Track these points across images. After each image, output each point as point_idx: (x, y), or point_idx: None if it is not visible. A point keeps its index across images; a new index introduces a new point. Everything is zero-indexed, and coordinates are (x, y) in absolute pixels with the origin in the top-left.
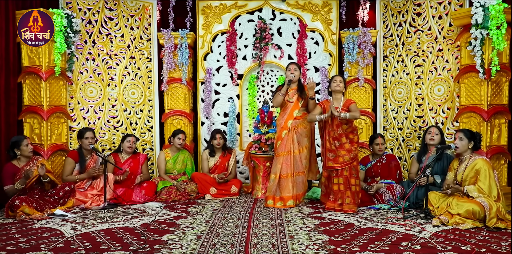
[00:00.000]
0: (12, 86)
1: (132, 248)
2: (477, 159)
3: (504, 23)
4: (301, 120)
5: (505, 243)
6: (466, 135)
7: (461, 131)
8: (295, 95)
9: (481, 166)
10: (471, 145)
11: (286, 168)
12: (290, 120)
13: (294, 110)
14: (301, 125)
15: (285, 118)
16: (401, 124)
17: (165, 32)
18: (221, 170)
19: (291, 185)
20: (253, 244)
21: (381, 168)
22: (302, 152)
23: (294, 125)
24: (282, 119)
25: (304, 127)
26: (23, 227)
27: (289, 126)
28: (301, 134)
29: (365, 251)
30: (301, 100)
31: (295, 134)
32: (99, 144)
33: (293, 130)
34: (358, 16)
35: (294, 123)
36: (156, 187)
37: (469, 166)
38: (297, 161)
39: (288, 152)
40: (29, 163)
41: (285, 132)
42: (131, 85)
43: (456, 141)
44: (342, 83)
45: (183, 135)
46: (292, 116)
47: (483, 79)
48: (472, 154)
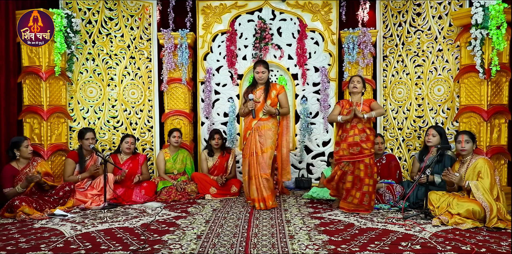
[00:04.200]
0: (12, 86)
1: (132, 248)
2: (478, 159)
3: (504, 23)
4: (266, 122)
5: (505, 243)
6: (471, 137)
7: (465, 133)
8: (261, 95)
9: (482, 165)
10: (474, 147)
11: (251, 169)
12: (254, 121)
13: (259, 110)
14: (265, 126)
15: (250, 118)
16: (401, 124)
17: (165, 32)
18: (220, 170)
19: (262, 186)
20: (253, 244)
21: (381, 168)
22: (266, 153)
23: (257, 126)
24: (247, 119)
25: (269, 129)
26: (23, 227)
27: (253, 126)
28: (264, 135)
29: (365, 251)
30: (267, 100)
31: (257, 135)
32: (99, 144)
33: (256, 130)
34: (358, 16)
35: (258, 124)
36: (156, 187)
37: (470, 167)
38: (261, 162)
39: (251, 153)
40: (28, 165)
41: (249, 132)
42: (131, 85)
43: (464, 144)
44: (359, 84)
45: (178, 132)
46: (258, 117)
47: (483, 79)
48: (473, 155)
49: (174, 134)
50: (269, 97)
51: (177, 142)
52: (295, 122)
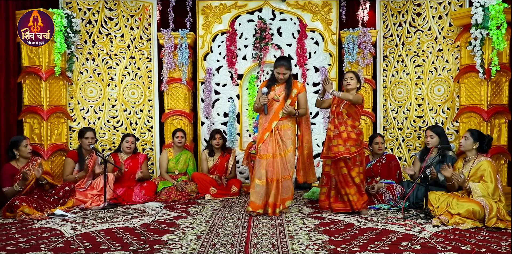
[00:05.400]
0: (12, 86)
1: (132, 248)
2: (483, 160)
3: (504, 23)
4: (285, 121)
5: (505, 243)
6: (473, 135)
7: (469, 130)
8: (282, 93)
9: (485, 167)
10: (476, 146)
11: (271, 173)
12: (274, 121)
13: (279, 110)
14: (285, 126)
15: (269, 119)
16: (401, 124)
17: (165, 32)
18: (221, 170)
19: (275, 192)
20: (253, 244)
21: (381, 168)
22: (288, 154)
23: (277, 127)
24: (265, 120)
25: (288, 129)
26: (23, 227)
27: (272, 128)
28: (284, 136)
29: (365, 251)
30: (288, 99)
31: (279, 135)
32: (99, 144)
33: (277, 131)
34: (358, 16)
35: (278, 124)
36: (156, 187)
37: (474, 167)
38: (283, 164)
39: (273, 155)
40: (28, 164)
41: (267, 134)
42: (131, 85)
43: (461, 140)
44: (353, 80)
45: (181, 133)
46: (277, 117)
47: (483, 79)
48: (477, 155)
49: (177, 134)
50: (290, 96)
51: (181, 143)
52: None
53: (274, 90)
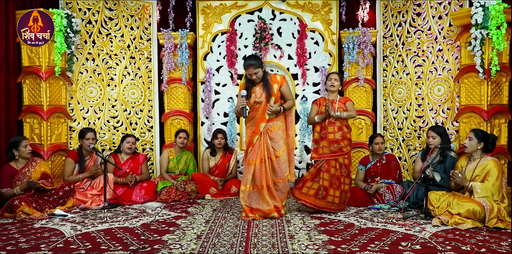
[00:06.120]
0: (12, 86)
1: (132, 248)
2: (489, 160)
3: (504, 23)
4: (275, 122)
5: (505, 243)
6: (477, 135)
7: (472, 130)
8: (262, 93)
9: (491, 167)
10: (481, 146)
11: (260, 179)
12: (262, 123)
13: (264, 111)
14: (274, 127)
15: (256, 122)
16: (401, 124)
17: (165, 32)
18: (222, 170)
19: (269, 197)
20: (253, 244)
21: (381, 168)
22: (281, 155)
23: (267, 129)
24: (252, 123)
25: (279, 128)
26: (23, 227)
27: (261, 130)
28: (275, 137)
29: (365, 251)
30: (271, 97)
31: (268, 138)
32: (99, 144)
33: (266, 134)
34: (358, 16)
35: (267, 127)
36: (156, 187)
37: (479, 166)
38: (275, 167)
39: (261, 160)
40: (27, 165)
41: (257, 137)
42: (131, 85)
43: (465, 141)
44: (337, 82)
45: (184, 133)
46: (264, 119)
47: (483, 79)
48: (482, 155)
49: (180, 135)
50: (272, 94)
51: (183, 143)
52: (295, 122)
53: (254, 92)
